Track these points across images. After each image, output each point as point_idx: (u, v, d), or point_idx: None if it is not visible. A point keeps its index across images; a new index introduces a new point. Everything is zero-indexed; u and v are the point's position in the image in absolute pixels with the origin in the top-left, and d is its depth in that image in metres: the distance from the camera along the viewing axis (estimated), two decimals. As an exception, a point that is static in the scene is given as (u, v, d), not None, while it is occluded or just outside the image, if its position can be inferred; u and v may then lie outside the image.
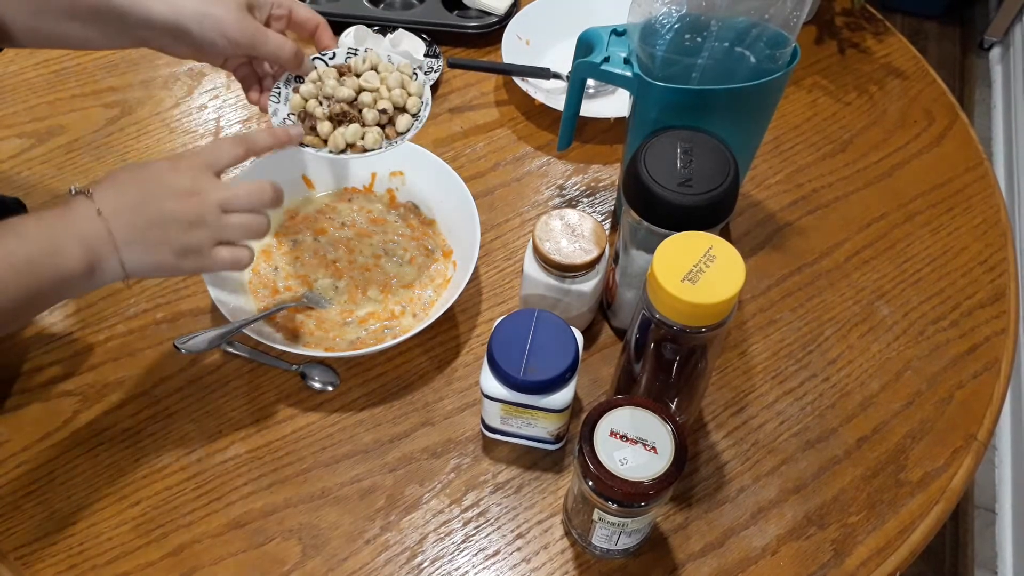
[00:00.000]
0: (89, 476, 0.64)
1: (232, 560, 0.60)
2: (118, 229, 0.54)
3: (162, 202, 0.55)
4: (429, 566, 0.61)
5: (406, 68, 0.68)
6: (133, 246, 0.54)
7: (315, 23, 0.68)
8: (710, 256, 0.51)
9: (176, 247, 0.56)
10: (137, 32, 0.61)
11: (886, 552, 0.62)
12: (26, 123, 0.86)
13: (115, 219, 0.54)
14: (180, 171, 0.57)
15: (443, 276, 0.73)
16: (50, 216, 0.54)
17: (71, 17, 0.61)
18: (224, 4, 0.61)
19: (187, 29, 0.61)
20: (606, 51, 0.65)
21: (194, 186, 0.56)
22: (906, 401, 0.70)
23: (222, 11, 0.61)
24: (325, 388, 0.69)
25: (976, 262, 0.78)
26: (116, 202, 0.54)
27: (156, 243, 0.55)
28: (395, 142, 0.66)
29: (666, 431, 0.52)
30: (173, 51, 0.64)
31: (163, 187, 0.56)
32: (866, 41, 0.98)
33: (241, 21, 0.62)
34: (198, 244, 0.56)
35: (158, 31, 0.61)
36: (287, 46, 0.64)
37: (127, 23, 0.61)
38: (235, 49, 0.63)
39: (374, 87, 0.66)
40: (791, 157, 0.87)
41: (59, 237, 0.53)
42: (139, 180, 0.56)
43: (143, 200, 0.55)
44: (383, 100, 0.66)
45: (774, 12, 0.61)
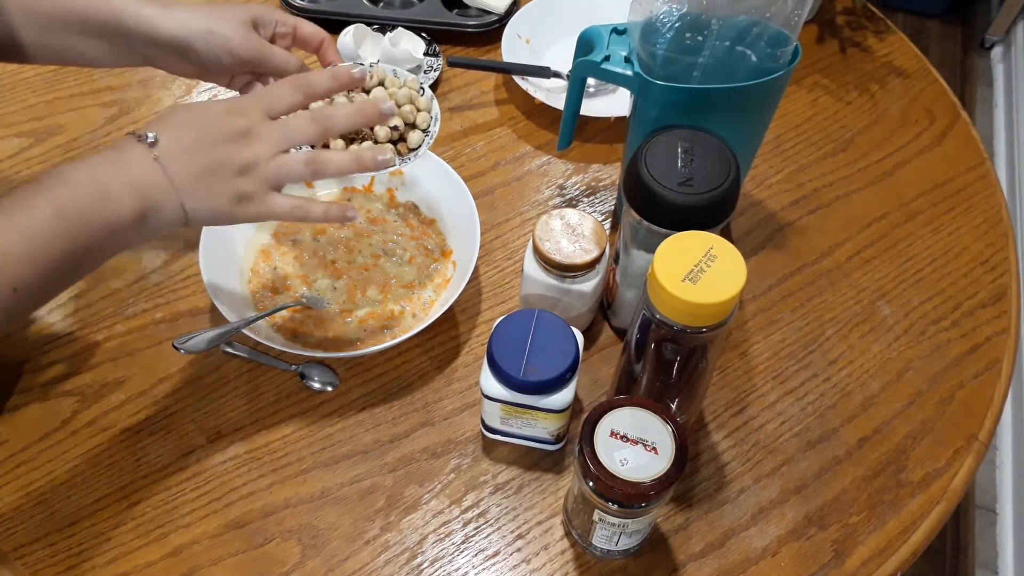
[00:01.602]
0: (89, 476, 0.64)
1: (232, 560, 0.60)
2: (175, 172, 0.52)
3: (218, 146, 0.53)
4: (429, 567, 0.61)
5: (413, 83, 0.68)
6: (192, 190, 0.53)
7: (319, 39, 0.67)
8: (711, 256, 0.51)
9: (232, 193, 0.54)
10: (144, 50, 0.62)
11: (887, 552, 0.62)
12: (24, 122, 0.86)
13: (171, 163, 0.52)
14: (235, 115, 0.55)
15: (443, 276, 0.73)
16: (101, 161, 0.52)
17: (78, 33, 0.61)
18: (230, 22, 0.62)
19: (193, 47, 0.61)
20: (606, 50, 0.65)
21: (250, 130, 0.54)
22: (907, 401, 0.69)
23: (228, 29, 0.62)
24: (325, 388, 0.68)
25: (977, 262, 0.78)
26: (171, 145, 0.52)
27: (213, 189, 0.53)
28: (408, 158, 0.66)
29: (667, 431, 0.52)
30: (179, 70, 0.64)
31: (219, 131, 0.54)
32: (867, 40, 0.97)
33: (247, 38, 0.62)
34: (252, 190, 0.54)
35: (165, 49, 0.62)
36: (292, 61, 0.65)
37: (134, 41, 0.61)
38: (241, 66, 0.64)
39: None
40: (792, 156, 0.86)
41: (110, 183, 0.51)
42: (195, 123, 0.54)
43: (199, 143, 0.53)
44: (394, 117, 0.65)
45: (775, 11, 0.61)
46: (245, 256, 0.73)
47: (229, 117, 0.54)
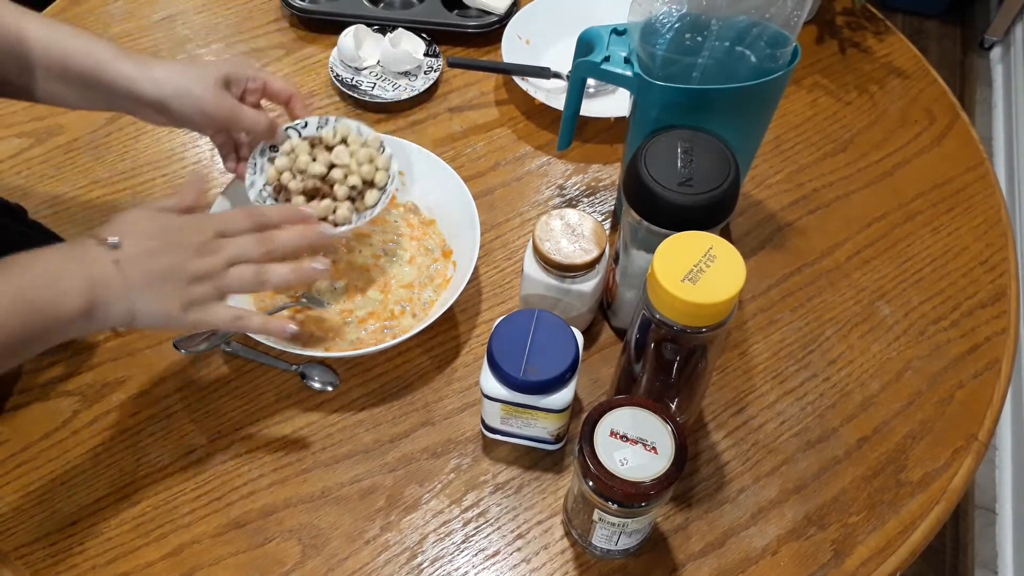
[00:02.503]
0: (89, 476, 0.64)
1: (232, 560, 0.60)
2: (132, 275, 0.54)
3: (176, 255, 0.56)
4: (429, 566, 0.61)
5: (374, 141, 0.72)
6: (144, 293, 0.55)
7: (288, 94, 0.71)
8: (710, 256, 0.51)
9: (182, 299, 0.56)
10: (122, 104, 0.65)
11: (886, 552, 0.62)
12: (25, 123, 0.86)
13: (131, 264, 0.54)
14: (193, 230, 0.58)
15: (443, 276, 0.73)
16: (62, 252, 0.54)
17: (58, 79, 0.63)
18: (203, 83, 0.65)
19: (168, 105, 0.64)
20: (606, 50, 0.65)
21: (205, 244, 0.58)
22: (907, 401, 0.69)
23: (200, 90, 0.64)
24: (325, 388, 0.68)
25: (977, 262, 0.78)
26: (132, 250, 0.55)
27: (164, 294, 0.56)
28: (364, 216, 0.69)
29: (666, 431, 0.52)
30: (157, 121, 0.68)
31: (178, 241, 0.57)
32: (867, 40, 0.98)
33: (217, 98, 0.65)
34: (201, 298, 0.57)
35: (142, 105, 0.65)
36: (261, 121, 0.68)
37: (113, 95, 0.64)
38: (212, 124, 0.67)
39: (344, 163, 0.69)
40: (792, 157, 0.86)
41: (65, 275, 0.52)
42: (156, 231, 0.57)
43: (162, 250, 0.56)
44: (353, 176, 0.69)
45: (775, 11, 0.61)
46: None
47: (187, 231, 0.58)
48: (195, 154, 0.84)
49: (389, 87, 0.89)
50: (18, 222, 0.72)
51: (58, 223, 0.78)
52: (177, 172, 0.83)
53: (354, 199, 0.69)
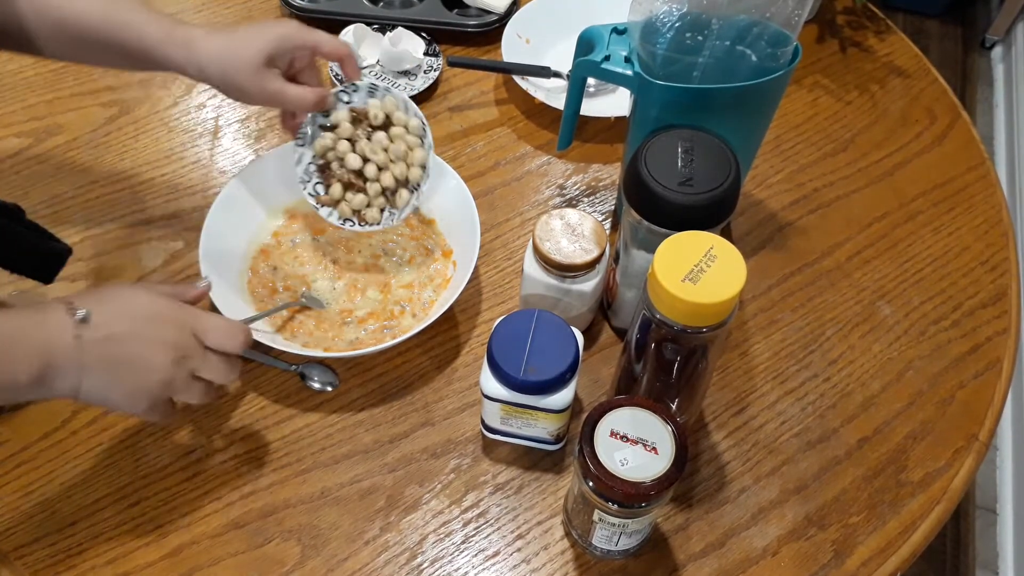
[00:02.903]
0: (89, 476, 0.64)
1: (232, 560, 0.60)
2: (90, 355, 0.52)
3: (144, 346, 0.54)
4: (429, 567, 0.60)
5: (416, 128, 0.71)
6: (98, 376, 0.53)
7: (338, 55, 0.68)
8: (711, 256, 0.51)
9: (134, 392, 0.54)
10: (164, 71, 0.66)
11: (887, 552, 0.62)
12: (24, 122, 0.86)
13: (92, 345, 0.52)
14: (170, 323, 0.55)
15: (443, 276, 0.73)
16: (26, 316, 0.52)
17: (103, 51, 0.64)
18: (246, 68, 0.64)
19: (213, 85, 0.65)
20: (607, 50, 0.65)
21: (179, 342, 0.55)
22: (907, 401, 0.69)
23: (243, 77, 0.64)
24: (325, 388, 0.68)
25: (978, 262, 0.78)
26: (102, 328, 0.53)
27: (119, 381, 0.54)
28: (392, 216, 0.71)
29: (667, 431, 0.52)
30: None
31: (152, 332, 0.54)
32: (868, 40, 0.97)
33: (261, 83, 0.64)
34: (156, 397, 0.55)
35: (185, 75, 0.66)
36: (308, 98, 0.67)
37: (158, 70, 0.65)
38: (257, 104, 0.68)
39: (380, 159, 0.70)
40: (792, 156, 0.86)
41: (20, 343, 0.51)
42: (132, 314, 0.55)
43: (128, 336, 0.53)
44: (386, 174, 0.70)
45: (775, 11, 0.61)
46: (245, 256, 0.73)
47: (164, 323, 0.55)
48: (195, 154, 0.84)
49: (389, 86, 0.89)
50: (15, 222, 0.71)
51: (57, 223, 0.78)
52: (177, 172, 0.83)
53: (387, 196, 0.70)
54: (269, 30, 0.65)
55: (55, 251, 0.68)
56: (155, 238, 0.77)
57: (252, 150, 0.85)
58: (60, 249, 0.69)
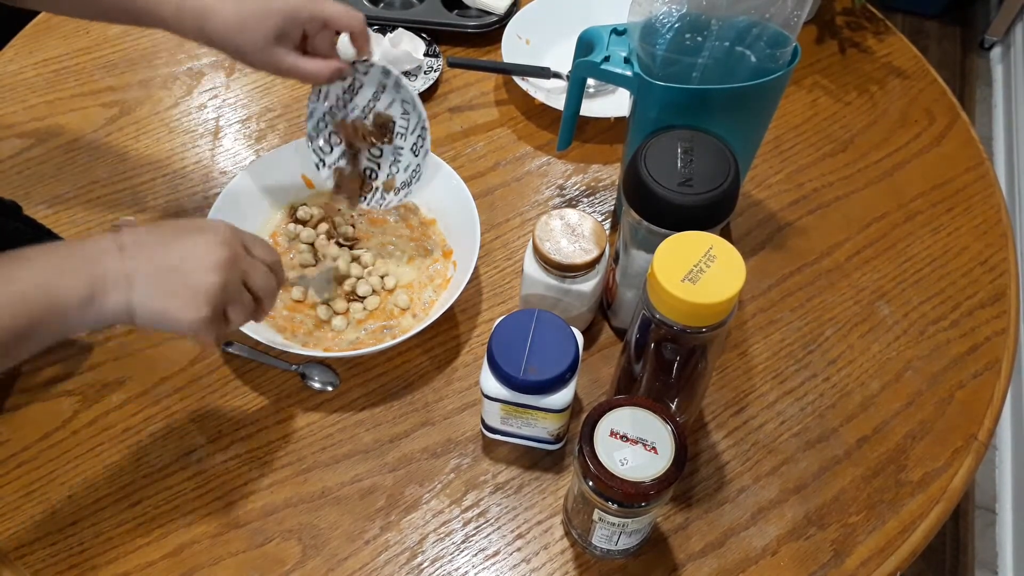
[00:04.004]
0: (89, 476, 0.64)
1: (232, 560, 0.60)
2: (137, 264, 0.51)
3: (194, 248, 0.53)
4: (429, 566, 0.61)
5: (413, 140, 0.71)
6: (149, 284, 0.51)
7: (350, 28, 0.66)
8: (710, 256, 0.51)
9: (193, 296, 0.52)
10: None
11: (886, 552, 0.62)
12: (25, 123, 0.86)
13: (136, 253, 0.51)
14: (213, 229, 0.55)
15: (443, 276, 0.73)
16: (70, 244, 0.51)
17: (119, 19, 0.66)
18: (254, 46, 0.63)
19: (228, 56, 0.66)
20: (606, 50, 0.65)
21: (228, 243, 0.54)
22: (906, 401, 0.69)
23: (254, 54, 0.64)
24: (325, 388, 0.68)
25: (976, 262, 0.78)
26: (143, 239, 0.52)
27: (172, 287, 0.52)
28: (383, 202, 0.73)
29: (666, 431, 0.52)
30: None
31: (198, 236, 0.53)
32: (867, 41, 0.98)
33: (272, 58, 0.64)
34: (215, 301, 0.53)
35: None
36: (322, 72, 0.66)
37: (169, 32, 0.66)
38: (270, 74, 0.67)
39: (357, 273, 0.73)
40: (791, 157, 0.86)
41: (66, 266, 0.50)
42: (174, 227, 0.54)
43: (171, 239, 0.53)
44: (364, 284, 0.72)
45: (775, 11, 0.61)
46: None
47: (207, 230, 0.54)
48: (195, 154, 0.84)
49: (389, 87, 0.89)
50: (13, 219, 0.72)
51: (58, 223, 0.78)
52: (177, 172, 0.83)
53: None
54: (278, 5, 0.63)
55: None
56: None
57: (253, 150, 0.85)
58: None
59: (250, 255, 0.56)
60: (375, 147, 0.71)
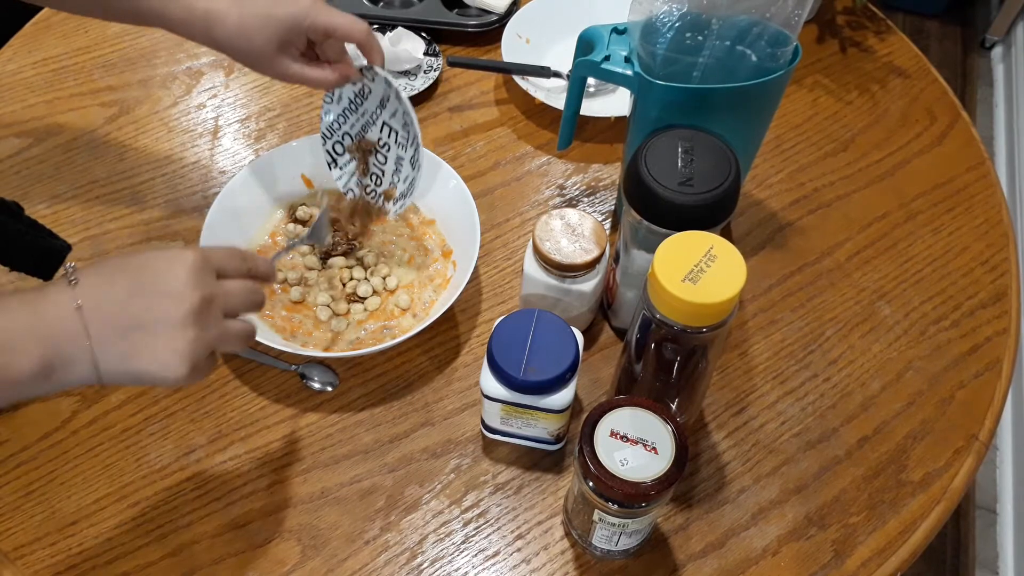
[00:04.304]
0: (89, 476, 0.64)
1: (232, 560, 0.60)
2: (96, 326, 0.46)
3: (154, 301, 0.47)
4: (429, 567, 0.60)
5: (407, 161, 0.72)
6: (114, 347, 0.46)
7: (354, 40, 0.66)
8: (711, 256, 0.51)
9: (165, 356, 0.47)
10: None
11: (887, 552, 0.62)
12: (24, 122, 0.86)
13: (96, 313, 0.46)
14: (176, 265, 0.48)
15: (443, 276, 0.73)
16: (18, 305, 0.46)
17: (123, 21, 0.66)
18: (258, 56, 0.64)
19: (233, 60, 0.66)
20: (607, 50, 0.65)
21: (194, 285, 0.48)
22: (907, 401, 0.69)
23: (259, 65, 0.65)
24: (325, 388, 0.68)
25: (978, 262, 0.78)
26: (100, 294, 0.46)
27: (141, 351, 0.47)
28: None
29: (667, 431, 0.52)
30: None
31: (156, 282, 0.48)
32: (867, 40, 0.97)
33: (278, 69, 0.65)
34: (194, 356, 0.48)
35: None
36: (328, 79, 0.67)
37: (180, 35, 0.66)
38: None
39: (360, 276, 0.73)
40: (792, 156, 0.86)
41: (19, 331, 0.45)
42: (130, 271, 0.48)
43: (132, 295, 0.47)
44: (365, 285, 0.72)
45: (775, 11, 0.61)
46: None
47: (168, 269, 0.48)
48: (195, 154, 0.84)
49: (389, 87, 0.89)
50: (14, 219, 0.71)
51: (57, 223, 0.78)
52: (177, 172, 0.83)
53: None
54: (281, 12, 0.62)
55: (53, 248, 0.68)
56: (155, 238, 0.77)
57: (252, 150, 0.85)
58: (58, 246, 0.69)
59: (224, 278, 0.51)
60: (379, 154, 0.71)
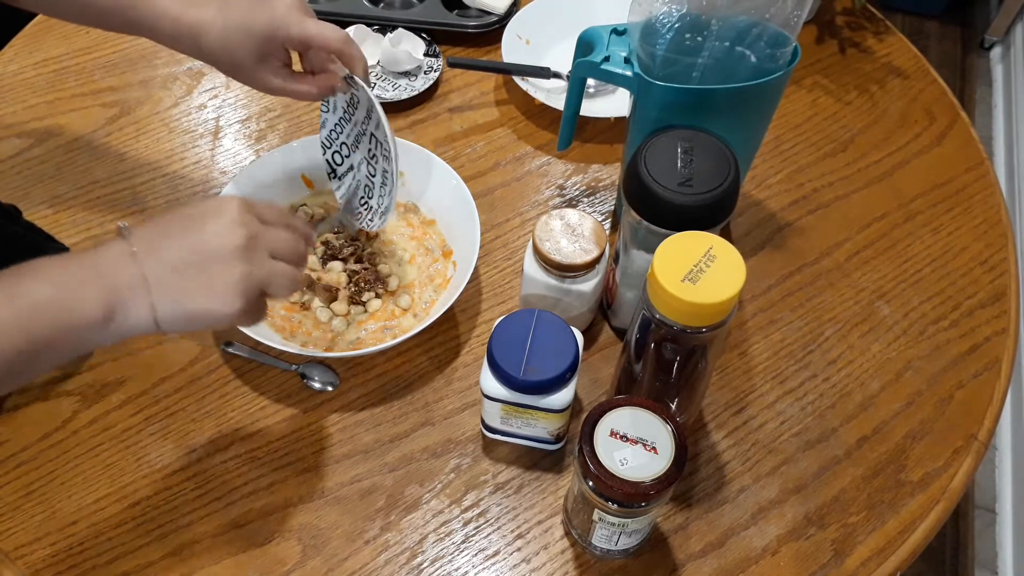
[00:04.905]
0: (89, 476, 0.64)
1: (232, 560, 0.60)
2: (152, 268, 0.48)
3: (206, 238, 0.50)
4: (429, 566, 0.61)
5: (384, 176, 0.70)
6: (169, 287, 0.48)
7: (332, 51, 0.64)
8: (710, 256, 0.51)
9: (222, 290, 0.49)
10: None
11: (886, 552, 0.62)
12: (25, 123, 0.86)
13: (148, 256, 0.48)
14: (222, 207, 0.51)
15: (443, 276, 0.73)
16: (78, 256, 0.49)
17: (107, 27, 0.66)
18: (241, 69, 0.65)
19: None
20: (606, 50, 0.65)
21: (238, 221, 0.51)
22: (906, 401, 0.69)
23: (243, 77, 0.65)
24: (325, 388, 0.68)
25: (976, 262, 0.78)
26: (153, 239, 0.49)
27: (196, 288, 0.49)
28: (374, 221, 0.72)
29: (666, 431, 0.52)
30: None
31: (204, 224, 0.50)
32: (867, 40, 0.98)
33: (261, 81, 0.65)
34: (247, 290, 0.50)
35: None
36: (311, 92, 0.67)
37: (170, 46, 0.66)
38: None
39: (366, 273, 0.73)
40: (792, 157, 0.86)
41: (78, 279, 0.47)
42: (178, 218, 0.51)
43: (182, 236, 0.50)
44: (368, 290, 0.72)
45: (775, 11, 0.61)
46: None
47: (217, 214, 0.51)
48: (195, 154, 0.84)
49: (389, 87, 0.89)
50: (12, 222, 0.71)
51: (58, 223, 0.78)
52: (177, 172, 0.83)
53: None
54: (257, 24, 0.62)
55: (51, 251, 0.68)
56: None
57: (253, 150, 0.85)
58: (57, 250, 0.69)
59: (268, 224, 0.53)
60: (371, 165, 0.70)
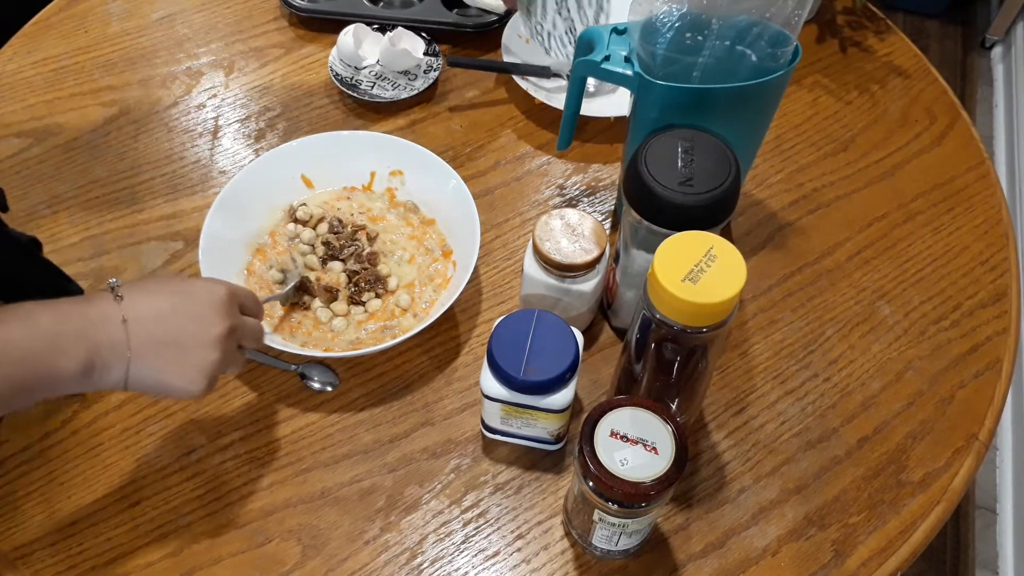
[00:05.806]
0: (89, 476, 0.64)
1: (232, 560, 0.60)
2: (138, 339, 0.51)
3: (194, 323, 0.53)
4: (429, 567, 0.60)
5: None
6: (148, 360, 0.52)
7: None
8: (711, 256, 0.51)
9: (192, 372, 0.53)
10: None
11: (887, 552, 0.62)
12: (24, 122, 0.86)
13: (139, 329, 0.52)
14: (212, 294, 0.55)
15: (443, 276, 0.73)
16: (69, 310, 0.51)
17: None
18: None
19: None
20: (607, 50, 0.65)
21: (225, 315, 0.55)
22: (907, 401, 0.69)
23: None
24: (325, 388, 0.68)
25: (977, 262, 0.78)
26: (143, 310, 0.52)
27: (170, 365, 0.53)
28: None
29: (667, 431, 0.52)
30: None
31: (193, 307, 0.54)
32: (867, 40, 0.97)
33: None
34: (213, 375, 0.54)
35: None
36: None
37: None
38: None
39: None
40: (792, 156, 0.86)
41: (68, 334, 0.50)
42: (170, 295, 0.54)
43: (172, 313, 0.53)
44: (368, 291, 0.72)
45: (775, 11, 0.61)
46: (244, 255, 0.73)
47: (206, 295, 0.55)
48: (195, 154, 0.84)
49: (389, 86, 0.89)
50: (30, 259, 0.70)
51: (57, 223, 0.78)
52: (177, 172, 0.83)
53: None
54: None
55: (68, 292, 0.68)
56: (155, 238, 0.77)
57: (252, 150, 0.85)
58: (72, 290, 0.69)
59: (244, 315, 0.58)
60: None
